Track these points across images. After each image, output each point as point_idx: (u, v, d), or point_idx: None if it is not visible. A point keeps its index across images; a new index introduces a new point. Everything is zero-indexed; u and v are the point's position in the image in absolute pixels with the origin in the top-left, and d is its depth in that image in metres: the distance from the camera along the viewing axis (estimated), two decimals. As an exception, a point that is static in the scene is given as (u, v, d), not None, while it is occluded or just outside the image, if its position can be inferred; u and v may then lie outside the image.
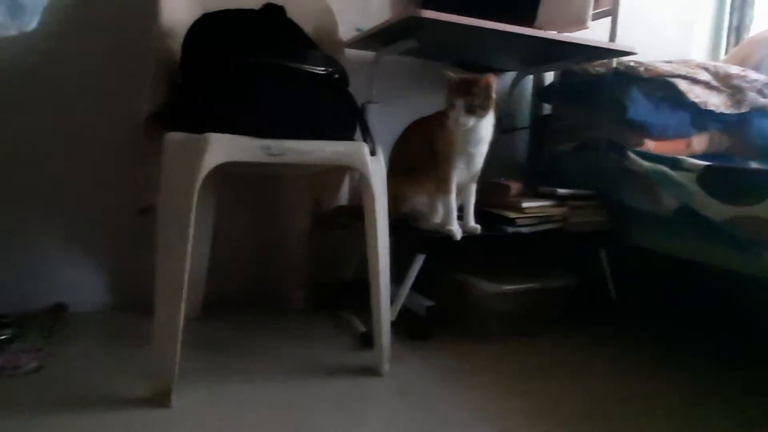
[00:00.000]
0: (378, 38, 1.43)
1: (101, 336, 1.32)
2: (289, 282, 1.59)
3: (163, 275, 0.99)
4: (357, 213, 1.61)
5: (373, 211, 1.14)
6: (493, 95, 1.27)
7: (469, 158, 1.32)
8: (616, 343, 1.42)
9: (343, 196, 1.67)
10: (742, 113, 1.62)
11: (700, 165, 1.33)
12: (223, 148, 0.98)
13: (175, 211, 0.98)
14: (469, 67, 1.67)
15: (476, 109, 1.24)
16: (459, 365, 1.24)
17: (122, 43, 1.42)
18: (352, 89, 1.19)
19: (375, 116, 1.50)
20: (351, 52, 1.52)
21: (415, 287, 1.34)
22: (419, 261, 1.32)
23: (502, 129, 1.63)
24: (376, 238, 1.15)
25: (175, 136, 1.00)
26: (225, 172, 0.97)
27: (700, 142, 1.64)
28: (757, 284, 1.27)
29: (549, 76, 1.94)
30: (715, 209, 1.24)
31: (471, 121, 1.25)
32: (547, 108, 1.96)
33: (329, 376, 1.15)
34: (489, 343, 1.37)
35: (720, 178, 1.27)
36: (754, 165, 1.65)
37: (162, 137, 1.16)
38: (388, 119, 1.49)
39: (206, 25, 1.11)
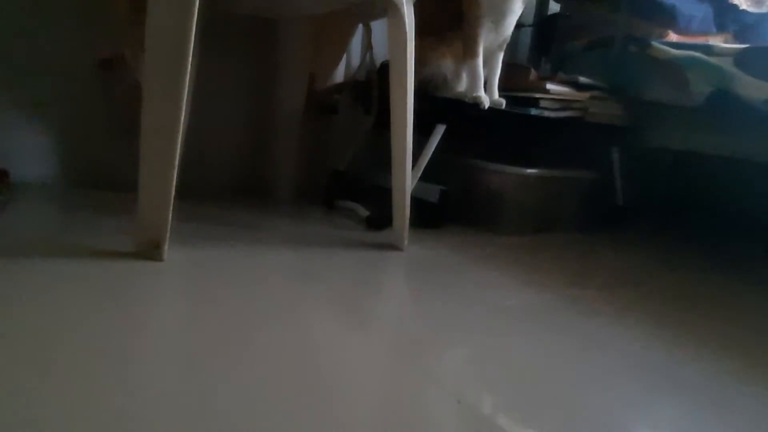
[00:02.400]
0: None
1: (58, 203, 1.09)
2: (278, 169, 1.39)
3: (155, 109, 0.78)
4: (357, 90, 1.44)
5: (403, 58, 0.97)
6: None
7: (499, 16, 1.16)
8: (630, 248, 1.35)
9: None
10: (763, 13, 1.55)
11: (737, 48, 1.25)
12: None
13: (171, 31, 0.76)
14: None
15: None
16: (480, 250, 1.12)
17: None
18: None
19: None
20: None
21: (422, 178, 1.18)
22: (439, 132, 1.16)
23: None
24: (404, 96, 0.98)
25: None
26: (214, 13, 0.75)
27: (716, 42, 1.56)
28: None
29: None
30: (757, 87, 1.16)
31: None
32: (553, 7, 1.82)
33: (341, 248, 0.99)
34: (506, 235, 1.25)
35: (761, 56, 1.19)
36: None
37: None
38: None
39: None
